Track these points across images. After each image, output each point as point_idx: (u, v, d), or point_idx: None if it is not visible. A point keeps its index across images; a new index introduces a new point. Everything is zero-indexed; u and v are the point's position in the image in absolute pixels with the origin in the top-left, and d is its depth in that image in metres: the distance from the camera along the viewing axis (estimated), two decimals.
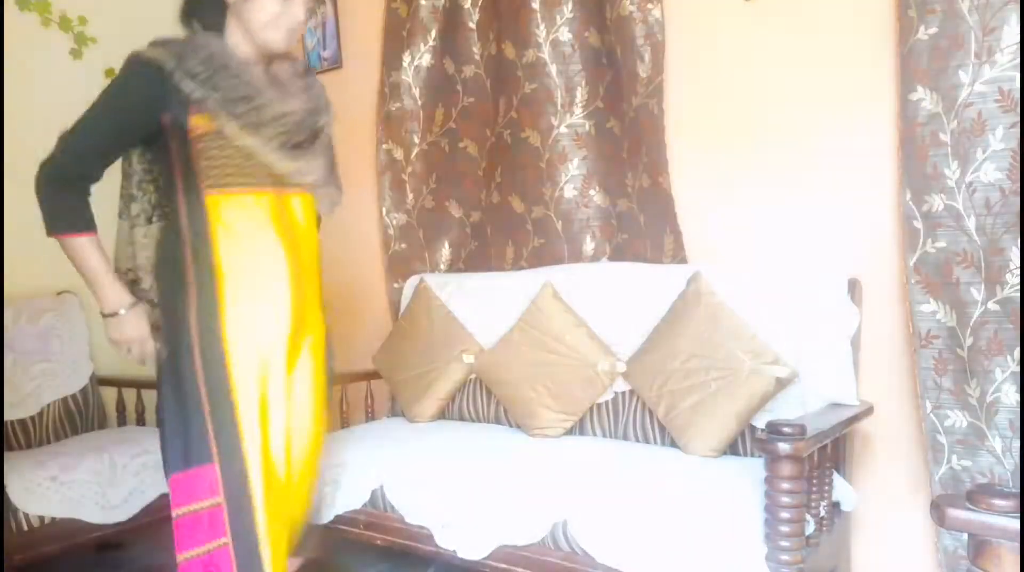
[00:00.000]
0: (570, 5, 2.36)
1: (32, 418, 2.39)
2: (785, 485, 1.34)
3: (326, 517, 1.99)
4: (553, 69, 2.40)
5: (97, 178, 1.53)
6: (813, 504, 1.54)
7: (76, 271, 1.52)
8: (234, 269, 1.51)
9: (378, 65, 2.85)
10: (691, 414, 1.85)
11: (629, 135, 2.30)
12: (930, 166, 1.73)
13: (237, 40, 1.54)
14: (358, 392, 2.58)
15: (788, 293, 1.88)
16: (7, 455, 2.16)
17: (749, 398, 1.79)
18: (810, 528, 1.49)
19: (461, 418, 2.43)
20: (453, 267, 2.80)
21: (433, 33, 2.71)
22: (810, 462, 1.47)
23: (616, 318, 2.14)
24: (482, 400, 2.39)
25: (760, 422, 1.80)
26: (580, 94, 2.39)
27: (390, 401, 2.62)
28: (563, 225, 2.45)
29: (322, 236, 1.77)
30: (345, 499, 1.97)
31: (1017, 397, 1.67)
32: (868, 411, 1.76)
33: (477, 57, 2.64)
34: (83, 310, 2.68)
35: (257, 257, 1.54)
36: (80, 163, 1.48)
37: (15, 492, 1.96)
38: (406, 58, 2.75)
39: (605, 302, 2.17)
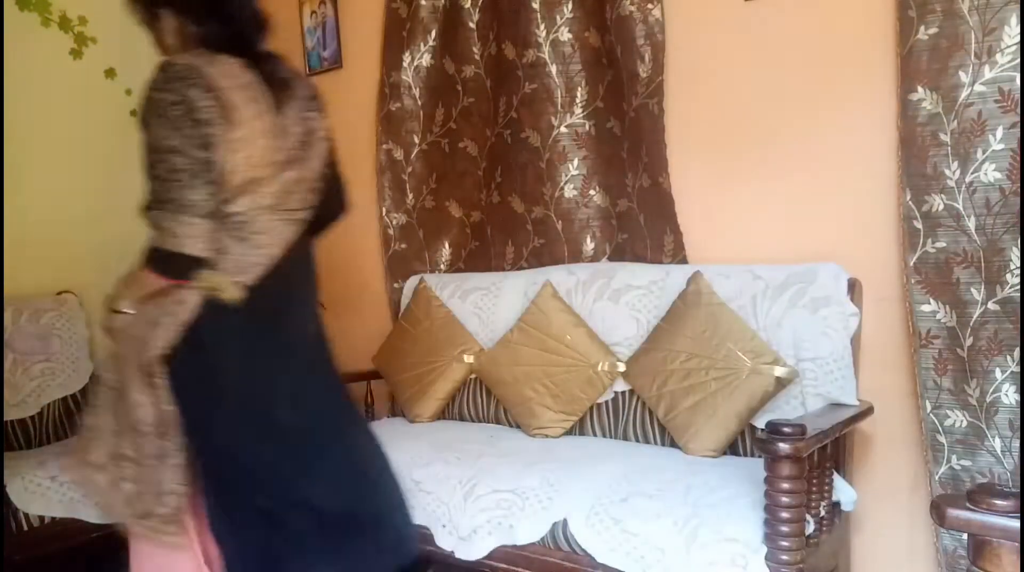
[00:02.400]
0: (570, 5, 2.36)
1: (32, 418, 2.39)
2: (785, 485, 1.34)
3: None
4: (553, 69, 2.40)
5: None
6: (813, 504, 1.53)
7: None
8: None
9: (378, 65, 2.85)
10: (691, 414, 1.85)
11: (629, 135, 2.30)
12: (930, 166, 1.73)
13: None
14: (358, 392, 2.58)
15: (788, 293, 1.88)
16: (7, 455, 2.16)
17: (749, 398, 1.79)
18: (810, 528, 1.49)
19: (461, 418, 2.43)
20: (453, 267, 2.80)
21: (433, 33, 2.71)
22: (810, 462, 1.47)
23: (616, 318, 2.14)
24: (482, 400, 2.39)
25: (760, 422, 1.80)
26: (580, 94, 2.39)
27: (390, 401, 2.61)
28: (563, 225, 2.45)
29: (322, 236, 1.77)
30: None
31: (1017, 397, 1.67)
32: (868, 411, 1.76)
33: (477, 57, 2.64)
34: (83, 310, 2.67)
35: None
36: None
37: (15, 492, 1.96)
38: (406, 58, 2.75)
39: (605, 302, 2.17)
